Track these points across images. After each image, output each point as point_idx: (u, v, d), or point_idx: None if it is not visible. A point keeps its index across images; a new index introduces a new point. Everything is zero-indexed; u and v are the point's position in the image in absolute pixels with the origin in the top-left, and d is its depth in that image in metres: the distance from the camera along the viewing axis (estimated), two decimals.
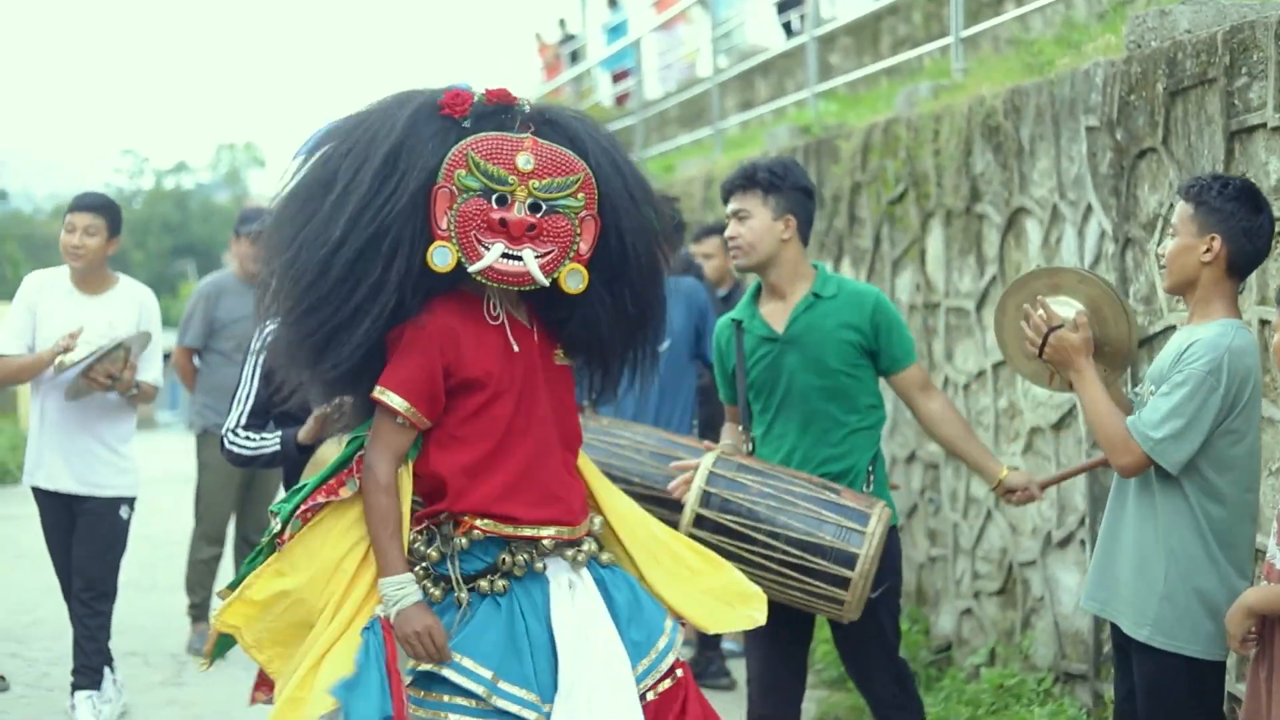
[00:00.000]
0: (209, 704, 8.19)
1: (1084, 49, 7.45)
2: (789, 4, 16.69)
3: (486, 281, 4.34)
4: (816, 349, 5.75)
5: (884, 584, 5.74)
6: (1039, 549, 7.58)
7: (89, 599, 7.64)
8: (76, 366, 7.32)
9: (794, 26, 16.36)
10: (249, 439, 5.77)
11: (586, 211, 4.38)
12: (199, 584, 9.83)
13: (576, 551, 4.52)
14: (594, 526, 4.63)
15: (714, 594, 4.74)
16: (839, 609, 5.54)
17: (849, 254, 9.89)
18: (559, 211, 4.34)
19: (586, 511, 4.61)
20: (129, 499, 7.73)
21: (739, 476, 5.66)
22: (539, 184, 4.31)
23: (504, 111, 4.41)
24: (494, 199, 4.29)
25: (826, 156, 10.21)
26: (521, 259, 4.30)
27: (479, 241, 4.29)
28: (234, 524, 10.09)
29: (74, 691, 7.68)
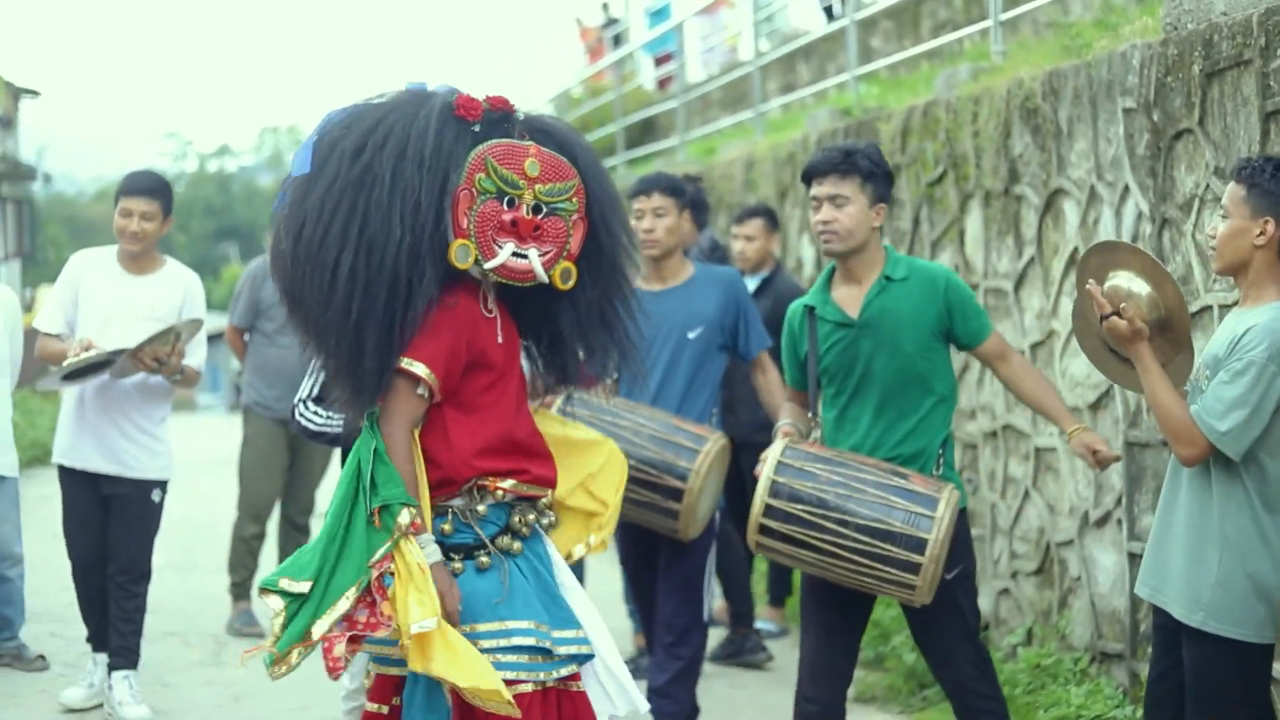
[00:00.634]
0: (247, 684, 8.28)
1: (1121, 31, 7.47)
2: None
3: (497, 278, 4.76)
4: (891, 333, 5.78)
5: (958, 565, 5.78)
6: (1076, 529, 7.61)
7: (124, 582, 7.67)
8: (76, 363, 7.24)
9: (835, 10, 16.35)
10: (317, 414, 5.86)
11: (578, 215, 4.80)
12: (240, 563, 9.90)
13: (546, 516, 4.98)
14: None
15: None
16: (910, 593, 5.58)
17: (888, 235, 9.92)
18: (557, 214, 4.75)
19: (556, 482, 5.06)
20: (161, 482, 7.73)
21: (808, 465, 5.70)
22: (543, 188, 4.71)
23: (506, 119, 4.81)
24: (505, 201, 4.69)
25: (867, 138, 10.24)
26: (528, 257, 4.70)
27: (494, 241, 4.68)
28: (279, 505, 10.16)
29: (110, 671, 7.76)
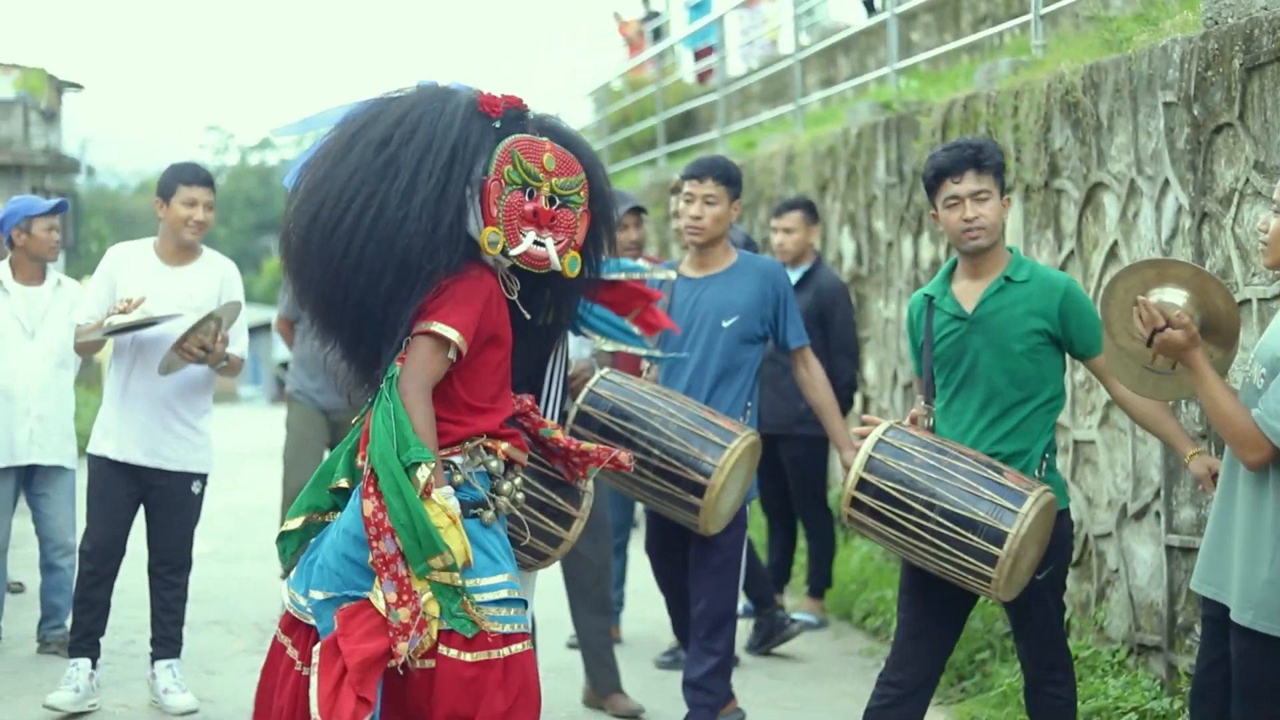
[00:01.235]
0: None
1: (1162, 26, 7.48)
2: None
3: (519, 263, 5.10)
4: (1002, 332, 5.81)
5: (1050, 565, 5.82)
6: (1114, 521, 7.63)
7: (165, 573, 7.71)
8: (128, 329, 7.28)
9: (875, 4, 16.37)
10: None
11: (584, 207, 5.18)
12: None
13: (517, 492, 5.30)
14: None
15: None
16: (986, 585, 5.59)
17: (928, 229, 9.95)
18: (568, 206, 5.13)
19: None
20: (201, 475, 7.73)
21: (906, 446, 5.74)
22: (559, 181, 5.10)
23: (521, 117, 5.18)
24: (527, 192, 5.06)
25: (907, 132, 10.28)
26: (545, 245, 5.07)
27: (519, 229, 5.05)
28: None
29: (153, 661, 7.81)
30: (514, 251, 5.03)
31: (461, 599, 4.86)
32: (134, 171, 70.43)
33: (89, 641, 7.70)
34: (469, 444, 5.09)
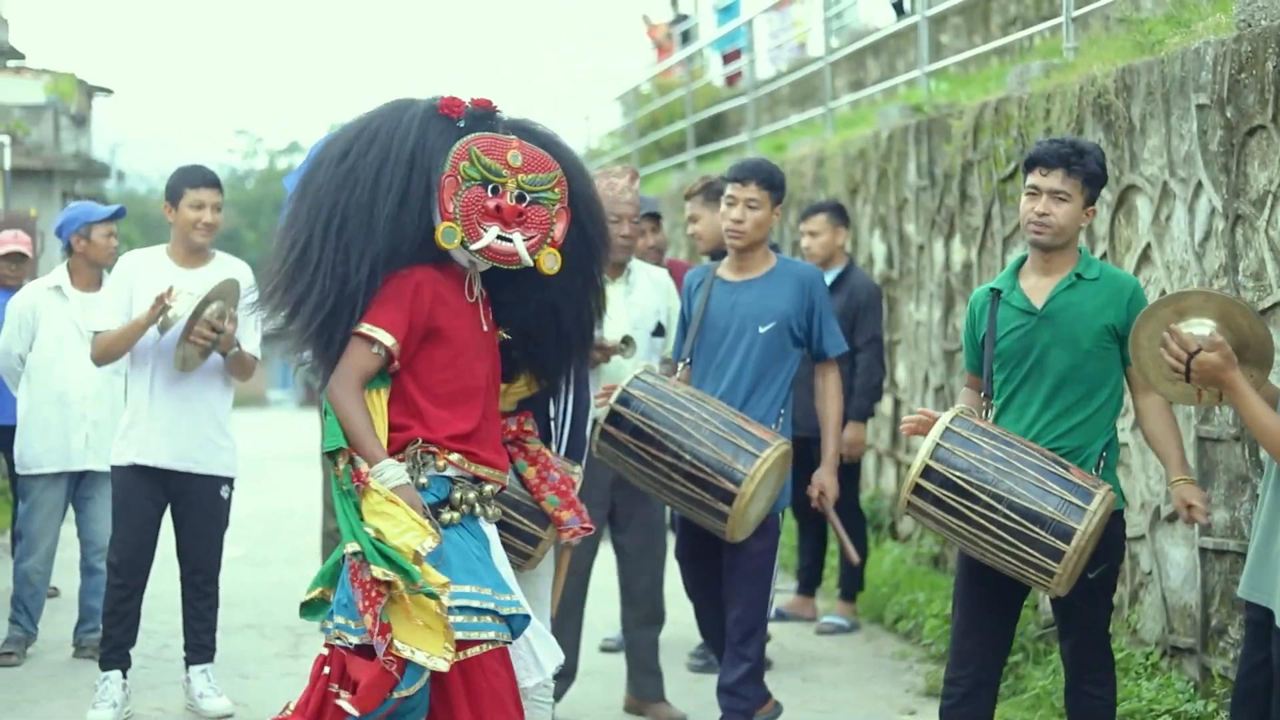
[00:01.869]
0: None
1: (1194, 28, 7.48)
2: None
3: (482, 259, 5.09)
4: (1071, 328, 5.82)
5: (1102, 565, 5.83)
6: (1147, 524, 7.63)
7: (200, 582, 7.71)
8: (181, 321, 7.26)
9: (904, 7, 16.37)
10: None
11: (560, 205, 5.15)
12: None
13: (492, 504, 5.29)
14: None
15: None
16: (1047, 580, 5.60)
17: (960, 231, 9.95)
18: (540, 203, 5.10)
19: (506, 462, 5.40)
20: (229, 479, 7.73)
21: (973, 436, 5.76)
22: (525, 178, 5.08)
23: (489, 117, 5.19)
24: (490, 189, 5.04)
25: (938, 135, 10.28)
26: (512, 241, 5.04)
27: (479, 224, 5.03)
28: None
29: (188, 666, 7.84)
30: (474, 246, 5.04)
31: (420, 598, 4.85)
32: (163, 176, 70.29)
33: (119, 654, 7.72)
34: (410, 448, 5.10)
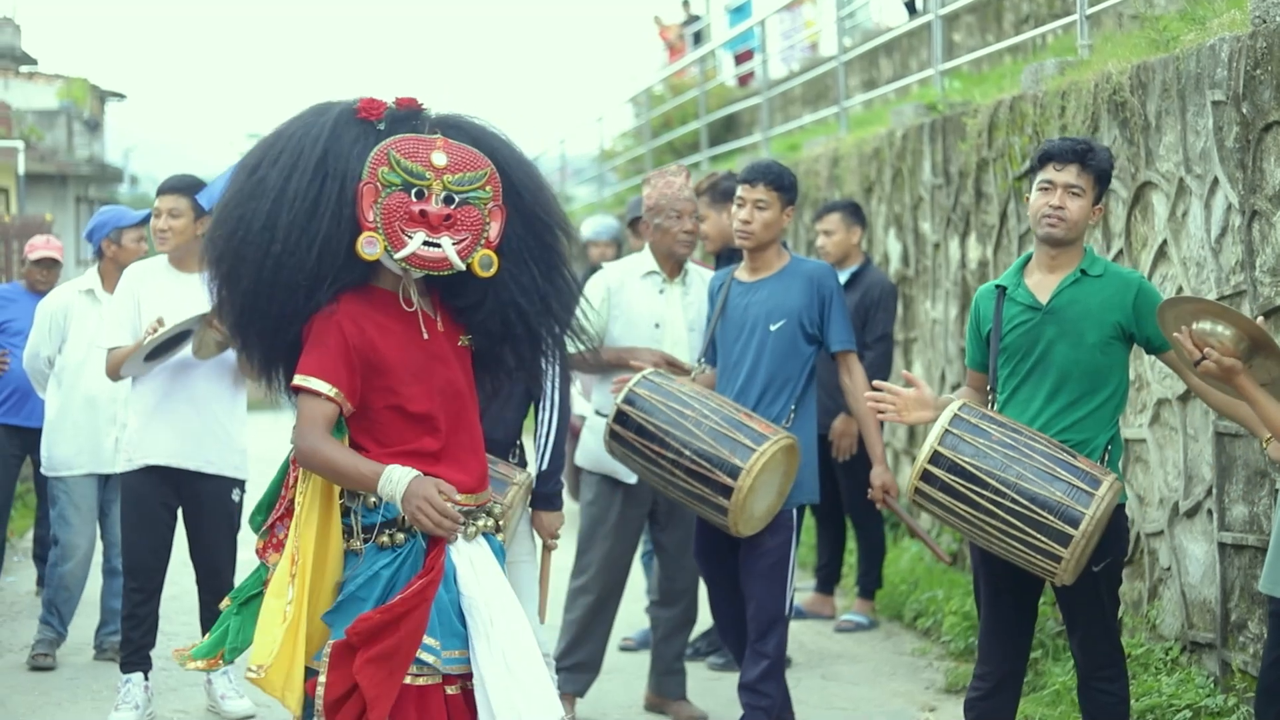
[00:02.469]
0: None
1: (1209, 25, 7.50)
2: None
3: (409, 268, 4.76)
4: (1076, 323, 5.88)
5: (1107, 558, 5.88)
6: (1166, 519, 7.64)
7: (215, 585, 7.64)
8: (158, 338, 7.25)
9: (917, 6, 16.40)
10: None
11: (493, 202, 4.81)
12: None
13: (469, 524, 4.87)
14: (495, 505, 5.04)
15: None
16: (1054, 565, 5.64)
17: (975, 230, 9.97)
18: (470, 203, 4.76)
19: (485, 484, 5.00)
20: (240, 481, 7.73)
21: (982, 423, 5.81)
22: (452, 178, 4.74)
23: (413, 117, 4.89)
24: (413, 193, 4.72)
25: (953, 134, 10.30)
26: (440, 246, 4.71)
27: (403, 231, 4.70)
28: None
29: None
30: (399, 255, 4.70)
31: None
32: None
33: (139, 656, 7.73)
34: None
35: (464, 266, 4.74)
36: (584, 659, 7.73)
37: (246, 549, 8.02)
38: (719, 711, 7.78)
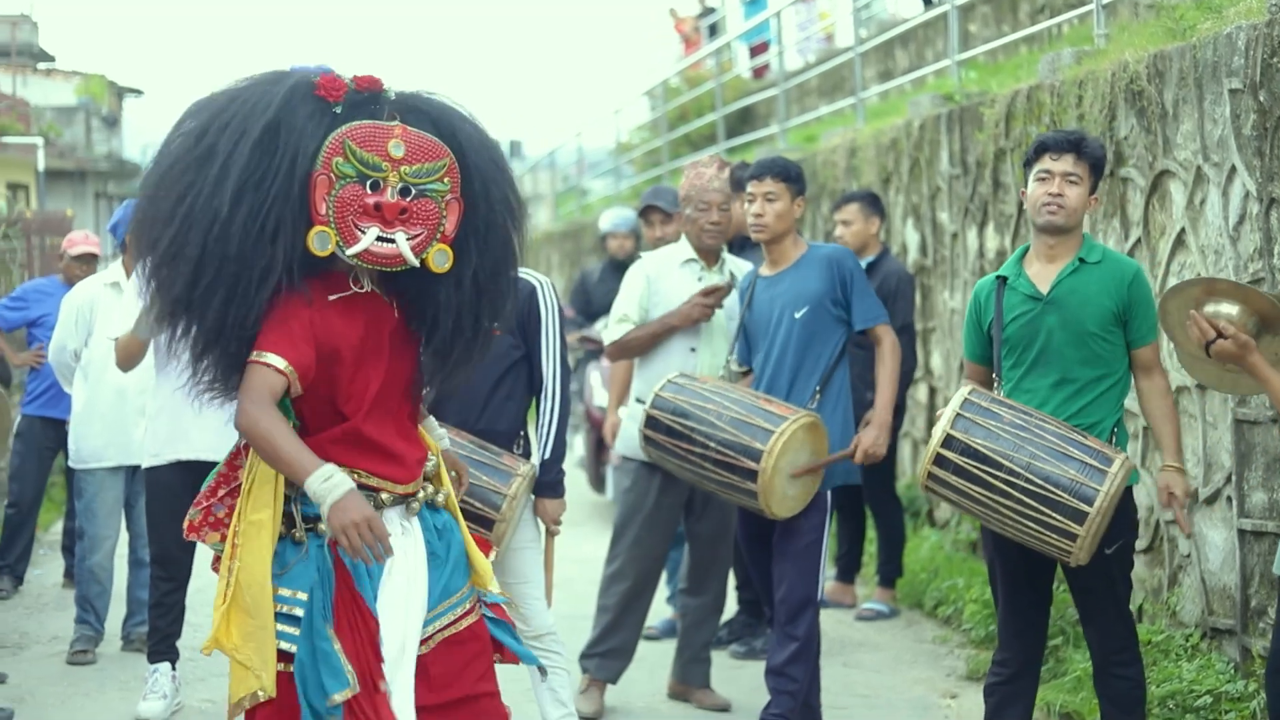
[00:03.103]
0: None
1: (1225, 13, 7.52)
2: None
3: (361, 264, 4.56)
4: (1077, 311, 5.96)
5: (1119, 540, 5.96)
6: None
7: None
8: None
9: None
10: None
11: (451, 195, 4.60)
12: None
13: (411, 500, 4.77)
14: (428, 469, 4.88)
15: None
16: (1070, 544, 5.71)
17: (993, 220, 10.00)
18: (427, 195, 4.55)
19: (420, 470, 4.82)
20: None
21: (992, 406, 5.91)
22: (409, 169, 4.52)
23: (373, 100, 4.60)
24: (368, 184, 4.50)
25: (970, 124, 10.33)
26: (394, 241, 4.51)
27: (356, 226, 4.50)
28: None
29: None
30: (350, 251, 4.50)
31: None
32: None
33: (167, 645, 7.79)
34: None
35: (417, 263, 4.56)
36: (617, 646, 7.79)
37: None
38: (742, 700, 7.83)
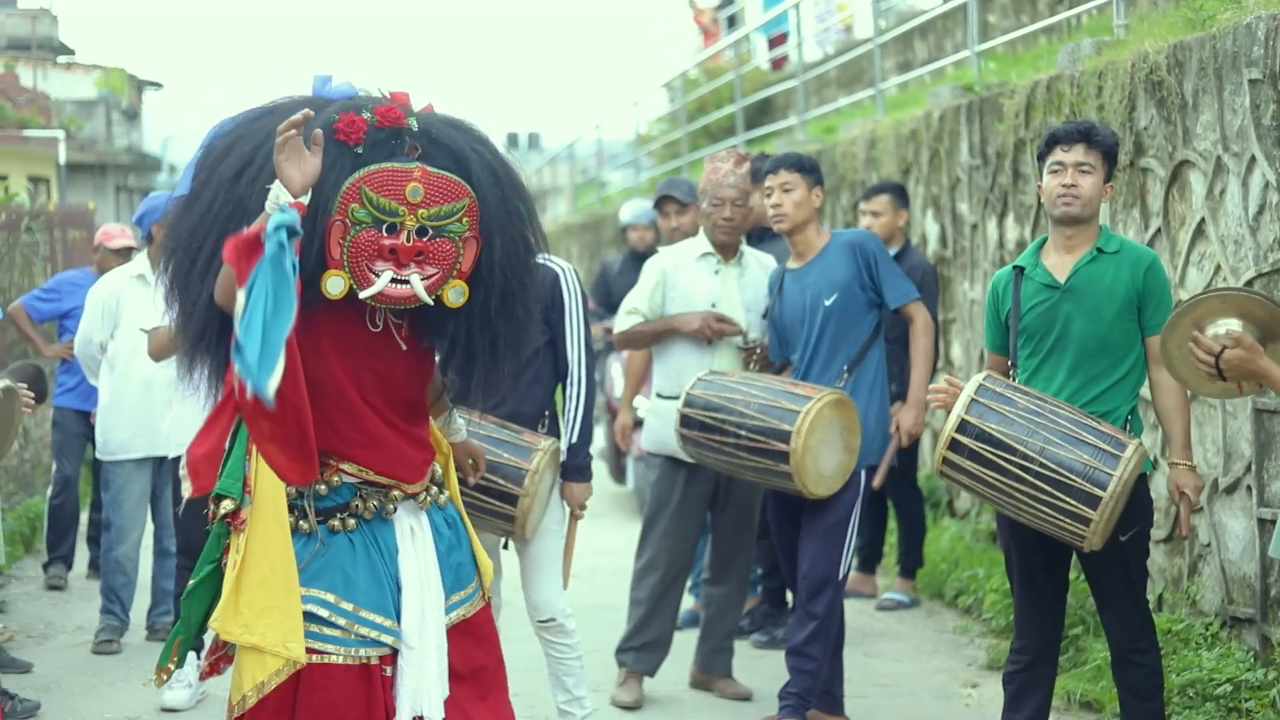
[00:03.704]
0: None
1: (1245, 3, 7.52)
2: None
3: (375, 303, 4.58)
4: (1093, 300, 6.02)
5: (1134, 527, 6.00)
6: (1205, 496, 7.68)
7: None
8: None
9: None
10: None
11: (469, 233, 4.60)
12: None
13: (423, 497, 4.84)
14: (435, 473, 4.94)
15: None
16: (1083, 529, 5.76)
17: (1013, 210, 10.02)
18: (445, 235, 4.55)
19: (426, 471, 4.87)
20: None
21: (1007, 392, 5.96)
22: (427, 212, 4.51)
23: (394, 135, 4.56)
24: (384, 228, 4.49)
25: (990, 115, 10.35)
26: (409, 283, 4.52)
27: (369, 269, 4.50)
28: None
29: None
30: (364, 294, 4.51)
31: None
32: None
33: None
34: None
35: (431, 302, 4.59)
36: (653, 638, 7.85)
37: None
38: (764, 689, 7.85)
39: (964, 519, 10.83)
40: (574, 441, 6.72)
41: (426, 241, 4.52)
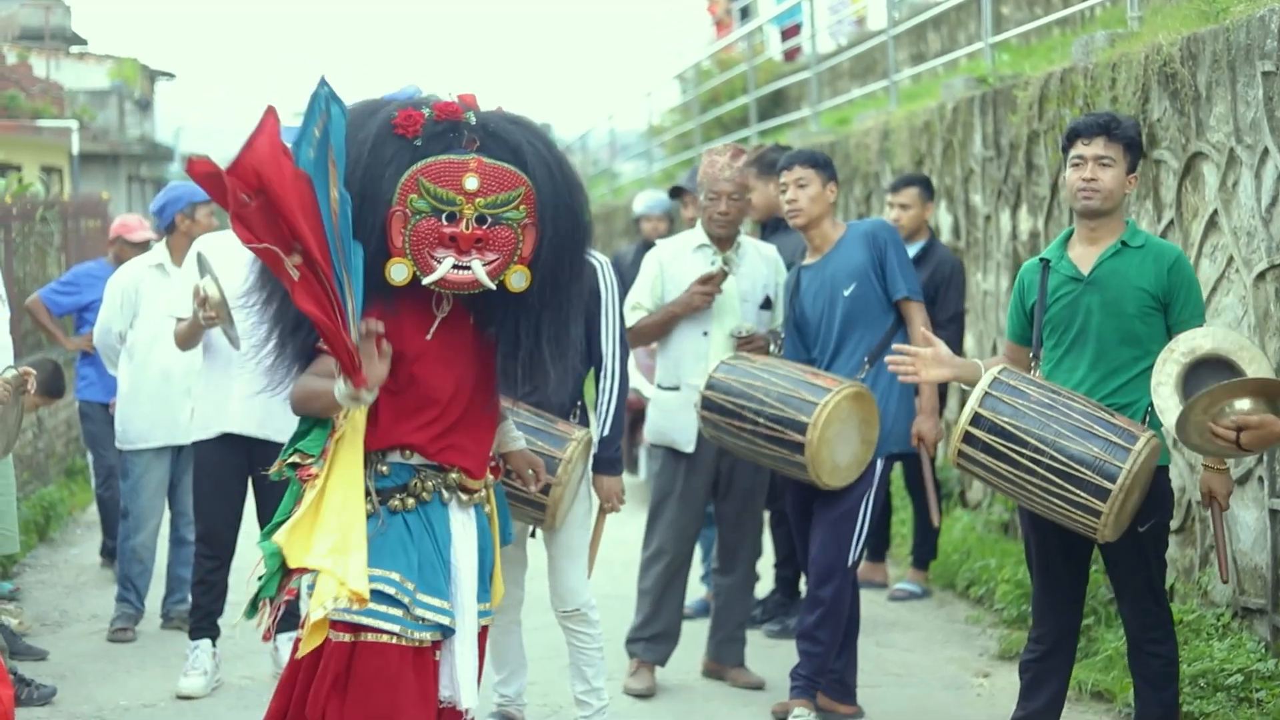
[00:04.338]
0: None
1: None
2: None
3: (439, 289, 4.80)
4: (1116, 293, 6.04)
5: (1152, 519, 6.03)
6: None
7: None
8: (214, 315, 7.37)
9: None
10: None
11: (528, 220, 4.79)
12: None
13: (472, 496, 5.01)
14: (488, 481, 5.12)
15: None
16: (1095, 520, 5.78)
17: (1026, 202, 10.03)
18: (503, 223, 4.74)
19: (484, 470, 5.10)
20: None
21: (1020, 385, 5.98)
22: (484, 201, 4.71)
23: (452, 128, 4.77)
24: (444, 216, 4.71)
25: (1003, 106, 10.36)
26: (471, 269, 4.73)
27: (431, 256, 4.73)
28: None
29: (275, 634, 7.95)
30: (427, 280, 4.73)
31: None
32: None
33: (208, 622, 7.89)
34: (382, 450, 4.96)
35: (494, 286, 4.78)
36: (662, 629, 7.89)
37: None
38: (776, 678, 7.87)
39: (976, 510, 10.85)
40: (606, 434, 6.78)
41: (486, 229, 4.73)
